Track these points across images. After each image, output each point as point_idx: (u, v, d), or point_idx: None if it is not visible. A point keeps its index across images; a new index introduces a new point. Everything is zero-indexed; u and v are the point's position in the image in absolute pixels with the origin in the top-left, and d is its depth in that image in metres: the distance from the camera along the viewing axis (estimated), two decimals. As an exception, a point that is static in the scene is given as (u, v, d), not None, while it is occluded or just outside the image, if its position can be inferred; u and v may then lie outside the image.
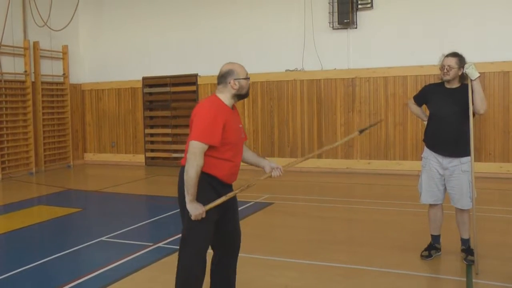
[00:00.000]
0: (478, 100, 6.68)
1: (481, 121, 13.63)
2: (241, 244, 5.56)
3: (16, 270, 7.22)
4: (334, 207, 11.06)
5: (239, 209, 10.40)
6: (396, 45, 14.66)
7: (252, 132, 16.62)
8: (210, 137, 4.92)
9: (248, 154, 5.61)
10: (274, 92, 16.32)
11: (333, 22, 15.30)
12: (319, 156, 15.58)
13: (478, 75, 6.63)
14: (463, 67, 6.81)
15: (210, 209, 5.02)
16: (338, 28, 15.31)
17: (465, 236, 7.22)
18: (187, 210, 4.98)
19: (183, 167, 5.05)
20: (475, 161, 7.16)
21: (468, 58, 7.02)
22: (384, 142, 15.01)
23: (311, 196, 12.40)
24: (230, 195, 5.21)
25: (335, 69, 15.45)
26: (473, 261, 6.89)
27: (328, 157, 15.63)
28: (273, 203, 11.36)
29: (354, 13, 15.05)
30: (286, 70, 16.06)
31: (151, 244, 8.16)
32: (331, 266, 7.16)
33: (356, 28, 15.17)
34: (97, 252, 8.23)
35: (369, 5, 14.94)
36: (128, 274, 6.93)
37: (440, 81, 7.11)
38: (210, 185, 5.10)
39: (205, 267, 5.20)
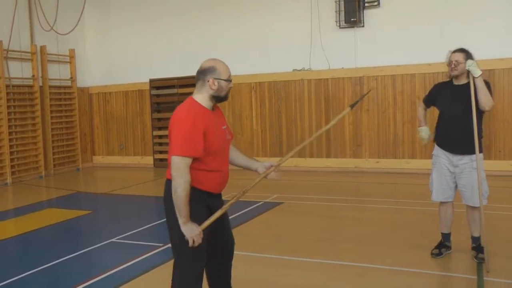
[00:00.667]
0: (482, 97, 6.66)
1: (490, 118, 13.55)
2: (251, 243, 5.48)
3: (28, 272, 7.26)
4: (343, 206, 11.03)
5: (248, 209, 10.49)
6: (404, 43, 14.60)
7: (260, 132, 16.63)
8: (192, 149, 4.51)
9: (237, 156, 5.25)
10: (282, 92, 16.31)
11: (340, 21, 15.27)
12: (328, 156, 15.60)
13: (481, 72, 6.63)
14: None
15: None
16: (345, 27, 15.28)
17: (476, 234, 7.19)
18: (175, 231, 4.61)
19: (169, 181, 4.66)
20: (484, 159, 7.14)
21: (477, 54, 7.02)
22: (393, 140, 14.98)
23: (320, 196, 12.39)
24: (226, 207, 4.84)
25: (342, 68, 15.42)
26: (483, 259, 6.86)
27: (337, 157, 15.63)
28: (282, 202, 11.35)
29: (361, 12, 15.01)
30: (293, 70, 16.05)
31: (161, 245, 8.16)
32: (340, 265, 7.15)
33: (363, 26, 15.14)
34: (108, 254, 8.26)
35: (376, 3, 14.89)
36: (139, 275, 6.95)
37: (448, 79, 7.10)
38: (200, 200, 4.69)
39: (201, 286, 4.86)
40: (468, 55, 6.84)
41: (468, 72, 6.78)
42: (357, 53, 15.28)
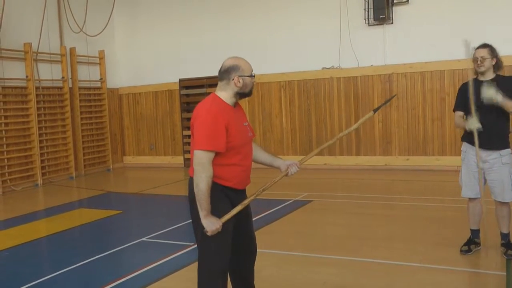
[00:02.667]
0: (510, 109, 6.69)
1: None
2: (281, 242, 5.45)
3: (60, 271, 7.34)
4: (373, 204, 10.97)
5: (278, 208, 10.50)
6: (433, 39, 14.50)
7: (290, 131, 16.62)
8: (215, 143, 4.55)
9: (261, 154, 5.24)
10: (311, 90, 16.28)
11: (368, 18, 15.21)
12: (357, 153, 15.57)
13: (500, 98, 6.57)
14: (496, 57, 6.80)
15: (226, 221, 4.69)
16: (374, 24, 15.22)
17: (505, 231, 7.13)
18: (201, 226, 4.64)
19: (192, 179, 4.73)
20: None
21: (504, 50, 6.98)
22: (422, 137, 14.90)
23: (350, 193, 12.34)
24: (245, 202, 4.85)
25: (371, 65, 15.37)
26: None
27: (367, 154, 15.57)
28: (311, 201, 11.31)
29: (390, 9, 14.94)
30: (323, 68, 16.01)
31: (190, 244, 8.16)
32: (371, 262, 7.13)
33: (392, 23, 15.06)
34: (138, 253, 8.29)
35: (404, 0, 14.83)
36: (169, 274, 6.98)
37: (474, 76, 7.03)
38: (223, 195, 4.76)
39: (226, 284, 4.93)
40: (492, 49, 6.84)
41: (494, 66, 6.77)
42: (386, 50, 15.22)
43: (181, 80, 18.33)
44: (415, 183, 13.24)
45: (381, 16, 14.87)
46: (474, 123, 6.57)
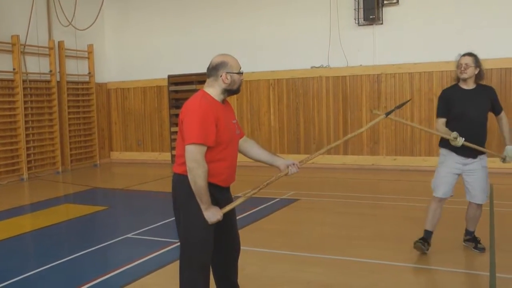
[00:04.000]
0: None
1: (508, 117, 13.50)
2: (267, 240, 5.47)
3: (44, 267, 7.30)
4: (359, 203, 11.01)
5: (264, 206, 10.51)
6: (422, 40, 14.56)
7: (277, 130, 16.62)
8: (207, 137, 4.57)
9: (259, 152, 5.21)
10: (300, 89, 16.29)
11: (358, 18, 15.24)
12: (345, 153, 15.59)
13: None
14: (479, 67, 6.90)
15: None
16: (363, 24, 15.26)
17: (472, 229, 7.40)
18: (184, 221, 4.76)
19: (176, 175, 4.83)
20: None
21: (494, 53, 7.05)
22: (410, 138, 14.94)
23: (337, 193, 12.37)
24: (249, 195, 4.90)
25: (360, 65, 15.39)
26: (484, 248, 7.19)
27: (354, 154, 15.60)
28: (298, 199, 11.34)
29: (380, 9, 14.98)
30: (312, 67, 16.03)
31: (176, 241, 8.11)
32: (356, 261, 7.15)
33: (381, 24, 15.10)
34: (123, 249, 8.29)
35: (394, 1, 14.86)
36: (153, 270, 6.97)
37: (454, 82, 7.10)
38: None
39: (209, 280, 4.94)
40: (477, 59, 6.93)
41: (476, 76, 6.95)
42: (375, 50, 15.25)
43: (170, 76, 18.29)
44: (402, 183, 13.29)
45: (371, 17, 14.91)
46: (461, 142, 6.64)
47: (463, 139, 6.60)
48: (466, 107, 6.89)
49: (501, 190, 11.56)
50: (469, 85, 6.95)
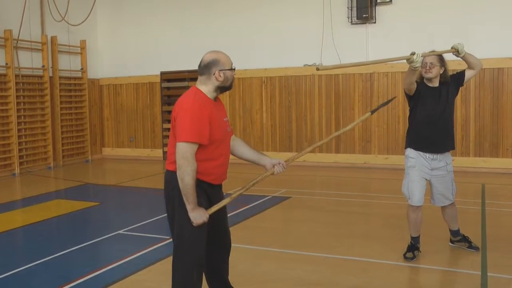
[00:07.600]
0: (473, 59, 6.89)
1: (498, 116, 13.57)
2: (258, 238, 5.47)
3: (35, 262, 7.29)
4: (351, 202, 11.04)
5: (256, 203, 10.51)
6: (415, 40, 14.51)
7: (270, 127, 16.62)
8: (199, 135, 4.54)
9: (246, 150, 5.19)
10: (292, 87, 16.29)
11: (351, 17, 15.25)
12: (337, 151, 15.62)
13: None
14: (444, 67, 6.86)
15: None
16: (356, 23, 15.27)
17: (456, 227, 7.40)
18: (177, 219, 4.73)
19: (169, 172, 4.78)
20: (491, 157, 7.26)
21: (487, 53, 7.05)
22: (402, 137, 14.91)
23: (328, 191, 12.41)
24: (234, 196, 4.91)
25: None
26: (478, 247, 7.21)
27: (346, 152, 15.62)
28: (290, 197, 11.35)
29: (373, 8, 15.00)
30: (305, 65, 16.02)
31: (167, 237, 8.14)
32: (347, 259, 7.16)
33: (375, 23, 15.11)
34: (115, 245, 8.29)
35: (388, 0, 14.88)
36: (145, 267, 6.96)
37: (418, 80, 6.98)
38: (200, 189, 4.67)
39: (202, 278, 4.93)
40: (442, 59, 6.88)
41: (441, 75, 6.88)
42: (368, 49, 15.25)
43: (162, 73, 18.28)
44: (393, 182, 13.25)
45: (364, 15, 14.93)
46: (419, 57, 6.35)
47: (419, 53, 6.31)
48: (433, 106, 6.88)
49: (493, 190, 11.60)
50: (435, 83, 6.91)
